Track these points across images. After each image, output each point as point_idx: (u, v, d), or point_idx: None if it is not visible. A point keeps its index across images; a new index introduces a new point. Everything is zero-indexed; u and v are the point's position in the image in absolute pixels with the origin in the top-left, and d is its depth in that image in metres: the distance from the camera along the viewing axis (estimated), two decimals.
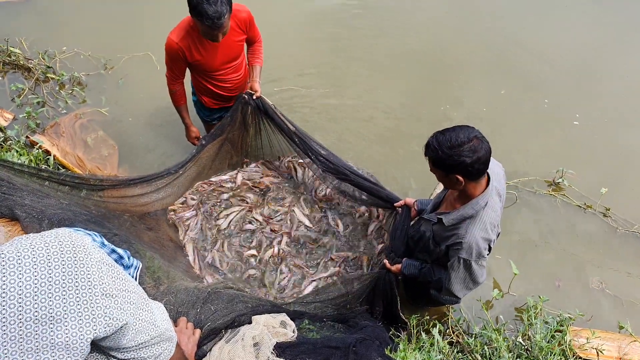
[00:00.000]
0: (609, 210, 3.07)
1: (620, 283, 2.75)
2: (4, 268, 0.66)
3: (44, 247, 0.71)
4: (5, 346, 0.65)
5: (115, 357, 0.87)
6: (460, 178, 1.54)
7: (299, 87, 3.89)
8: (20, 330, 0.66)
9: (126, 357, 0.86)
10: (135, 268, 1.22)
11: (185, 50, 2.26)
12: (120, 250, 1.14)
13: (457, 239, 1.66)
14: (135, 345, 0.84)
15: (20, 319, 0.66)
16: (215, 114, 2.79)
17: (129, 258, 1.18)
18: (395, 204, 2.23)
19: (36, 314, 0.67)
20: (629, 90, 4.00)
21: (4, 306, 0.65)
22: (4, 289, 0.65)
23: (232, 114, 2.60)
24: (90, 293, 0.73)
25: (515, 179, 3.23)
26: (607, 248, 2.92)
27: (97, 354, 0.87)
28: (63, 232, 0.74)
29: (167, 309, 1.13)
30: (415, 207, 2.13)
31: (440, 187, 2.00)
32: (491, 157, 1.57)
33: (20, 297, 0.66)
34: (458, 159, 1.48)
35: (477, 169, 1.53)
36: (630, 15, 4.82)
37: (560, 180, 3.20)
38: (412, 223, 2.14)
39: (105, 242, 1.10)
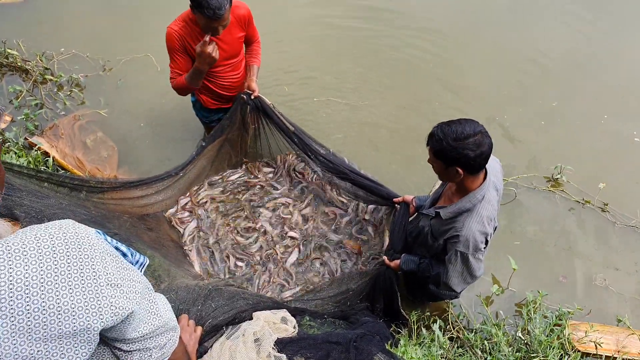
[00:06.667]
0: (607, 205, 3.09)
1: (619, 277, 2.77)
2: (10, 260, 0.67)
3: (49, 238, 0.71)
4: (14, 337, 0.66)
5: (120, 349, 0.87)
6: (460, 170, 1.55)
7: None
8: (29, 320, 0.67)
9: (131, 349, 0.87)
10: (141, 265, 1.21)
11: (185, 37, 2.25)
12: (123, 247, 1.14)
13: (455, 232, 1.67)
14: (140, 336, 0.85)
15: (28, 310, 0.67)
16: (213, 115, 2.78)
17: (132, 255, 1.17)
18: (394, 200, 2.24)
19: (43, 304, 0.68)
20: (627, 85, 4.01)
21: (11, 297, 0.66)
22: (10, 281, 0.66)
23: (232, 114, 2.60)
24: (95, 284, 0.74)
25: (514, 176, 3.24)
26: (605, 242, 2.94)
27: (102, 346, 0.88)
28: (67, 224, 0.75)
29: None
30: (414, 204, 2.14)
31: (438, 183, 2.01)
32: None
33: (27, 288, 0.67)
34: (462, 152, 1.48)
35: (479, 164, 1.54)
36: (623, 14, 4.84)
37: (558, 176, 3.22)
38: (410, 219, 2.16)
39: (108, 239, 1.10)
